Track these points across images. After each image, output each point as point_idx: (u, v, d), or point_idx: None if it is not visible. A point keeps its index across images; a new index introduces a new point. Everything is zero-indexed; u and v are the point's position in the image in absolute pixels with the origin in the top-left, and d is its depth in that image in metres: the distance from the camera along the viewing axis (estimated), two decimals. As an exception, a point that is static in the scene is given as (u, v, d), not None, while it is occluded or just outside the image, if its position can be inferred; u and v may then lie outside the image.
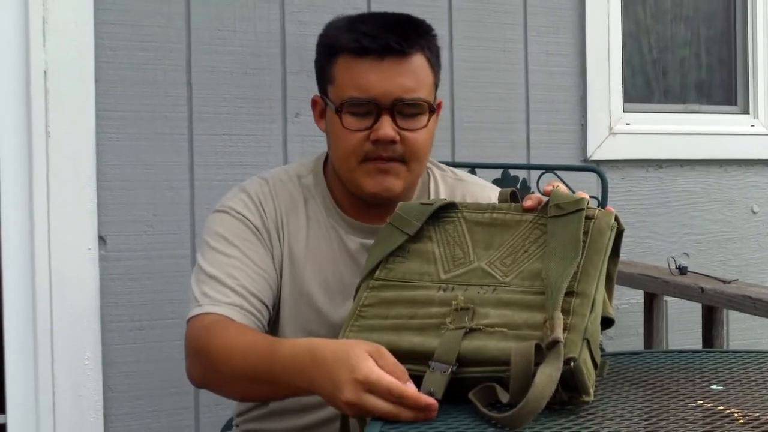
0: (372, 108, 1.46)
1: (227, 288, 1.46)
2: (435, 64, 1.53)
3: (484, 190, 1.64)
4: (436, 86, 1.54)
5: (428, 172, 1.63)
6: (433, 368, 1.16)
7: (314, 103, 1.59)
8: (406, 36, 1.48)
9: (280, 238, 1.53)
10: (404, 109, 1.47)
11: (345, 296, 1.51)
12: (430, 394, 1.14)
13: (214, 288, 1.47)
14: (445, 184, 1.63)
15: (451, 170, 1.67)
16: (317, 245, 1.55)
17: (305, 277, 1.53)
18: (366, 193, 1.51)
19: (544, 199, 1.31)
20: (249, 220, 1.53)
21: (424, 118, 1.50)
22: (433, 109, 1.51)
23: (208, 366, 1.40)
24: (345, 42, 1.48)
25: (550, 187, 1.32)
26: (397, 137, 1.46)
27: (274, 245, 1.53)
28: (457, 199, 1.55)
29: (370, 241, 1.50)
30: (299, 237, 1.54)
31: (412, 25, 1.52)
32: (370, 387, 1.10)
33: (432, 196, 1.60)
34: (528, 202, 1.32)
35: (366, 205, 1.55)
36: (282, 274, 1.53)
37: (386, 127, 1.46)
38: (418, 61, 1.49)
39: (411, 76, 1.47)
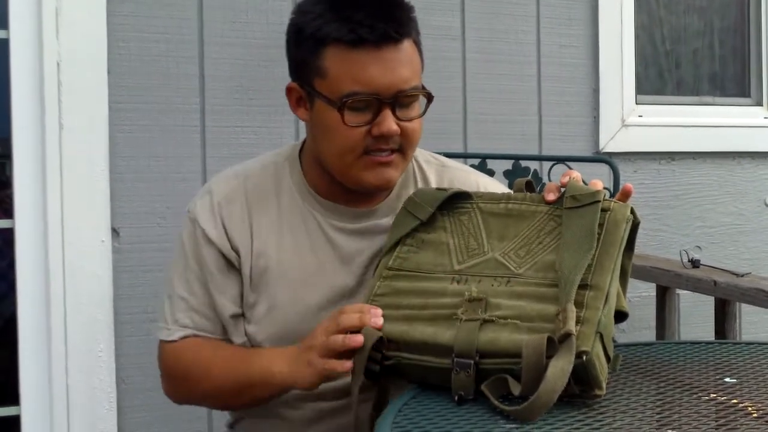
0: (372, 102, 1.40)
1: (194, 311, 1.50)
2: (419, 45, 1.48)
3: (470, 175, 1.61)
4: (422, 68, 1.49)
5: (413, 159, 1.57)
6: (456, 370, 1.16)
7: (289, 90, 1.50)
8: (400, 22, 1.42)
9: (250, 237, 1.51)
10: (403, 100, 1.42)
11: (323, 279, 1.49)
12: (461, 396, 1.15)
13: (182, 309, 1.51)
14: (432, 170, 1.58)
15: (432, 156, 1.62)
16: (292, 233, 1.51)
17: (278, 273, 1.50)
18: (365, 186, 1.46)
19: (563, 189, 1.31)
20: (209, 236, 1.51)
21: (418, 106, 1.45)
22: (430, 96, 1.46)
23: (190, 386, 1.51)
24: (335, 32, 1.39)
25: (567, 178, 1.31)
26: (399, 130, 1.42)
27: (233, 258, 1.51)
28: (445, 185, 1.53)
29: (350, 225, 1.50)
30: (271, 231, 1.51)
31: (399, 7, 1.45)
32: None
33: (420, 184, 1.55)
34: (550, 196, 1.31)
35: (349, 190, 1.50)
36: (250, 275, 1.51)
37: (389, 122, 1.40)
38: (410, 47, 1.43)
39: (407, 64, 1.42)
